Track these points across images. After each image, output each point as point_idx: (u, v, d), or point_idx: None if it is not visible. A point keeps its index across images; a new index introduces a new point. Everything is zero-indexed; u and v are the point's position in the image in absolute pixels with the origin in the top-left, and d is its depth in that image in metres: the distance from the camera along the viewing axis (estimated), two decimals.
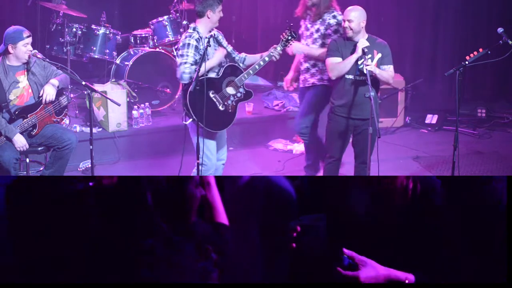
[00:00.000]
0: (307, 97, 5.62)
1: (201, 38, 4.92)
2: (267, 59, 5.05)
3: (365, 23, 5.09)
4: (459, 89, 4.94)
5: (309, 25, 5.51)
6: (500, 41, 5.03)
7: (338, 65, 5.08)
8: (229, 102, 4.99)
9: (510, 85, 8.69)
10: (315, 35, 5.46)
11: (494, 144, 7.45)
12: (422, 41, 8.56)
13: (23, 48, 5.03)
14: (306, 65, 5.55)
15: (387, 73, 5.09)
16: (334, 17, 5.41)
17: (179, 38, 6.49)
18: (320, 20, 5.43)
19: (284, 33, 5.12)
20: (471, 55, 5.02)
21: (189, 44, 4.87)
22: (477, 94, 8.64)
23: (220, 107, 4.95)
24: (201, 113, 4.80)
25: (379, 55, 5.08)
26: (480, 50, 5.02)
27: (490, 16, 8.40)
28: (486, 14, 8.44)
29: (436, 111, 8.10)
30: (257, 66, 5.03)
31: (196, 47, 4.87)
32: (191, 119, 4.90)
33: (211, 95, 4.91)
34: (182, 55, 4.87)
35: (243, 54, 5.24)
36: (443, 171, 6.38)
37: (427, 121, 8.01)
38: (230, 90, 4.99)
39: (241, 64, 5.16)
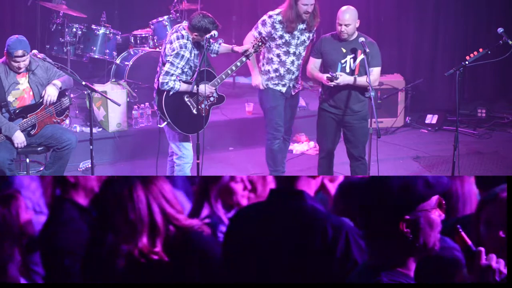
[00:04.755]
0: None
1: (193, 48, 4.98)
2: (239, 64, 5.15)
3: (359, 22, 5.08)
4: (459, 89, 4.95)
5: (297, 32, 5.34)
6: (500, 41, 5.04)
7: (313, 75, 5.27)
8: (203, 106, 5.07)
9: (510, 85, 8.69)
10: (307, 43, 5.42)
11: (494, 144, 7.45)
12: (422, 41, 8.55)
13: (13, 62, 4.99)
14: None
15: (364, 78, 4.98)
16: None
17: None
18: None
19: (255, 39, 5.22)
20: (471, 55, 5.02)
21: (182, 56, 4.92)
22: (477, 94, 8.63)
23: (194, 111, 5.07)
24: (176, 116, 5.00)
25: (362, 56, 5.02)
26: (480, 50, 5.03)
27: (490, 16, 8.39)
28: (486, 14, 8.43)
29: (436, 111, 8.09)
30: (229, 71, 5.13)
31: (188, 60, 4.94)
32: (165, 122, 5.03)
33: (186, 99, 5.04)
34: (172, 64, 4.91)
35: (216, 45, 5.23)
36: (443, 171, 6.38)
37: (427, 121, 8.01)
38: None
39: (213, 55, 5.25)
